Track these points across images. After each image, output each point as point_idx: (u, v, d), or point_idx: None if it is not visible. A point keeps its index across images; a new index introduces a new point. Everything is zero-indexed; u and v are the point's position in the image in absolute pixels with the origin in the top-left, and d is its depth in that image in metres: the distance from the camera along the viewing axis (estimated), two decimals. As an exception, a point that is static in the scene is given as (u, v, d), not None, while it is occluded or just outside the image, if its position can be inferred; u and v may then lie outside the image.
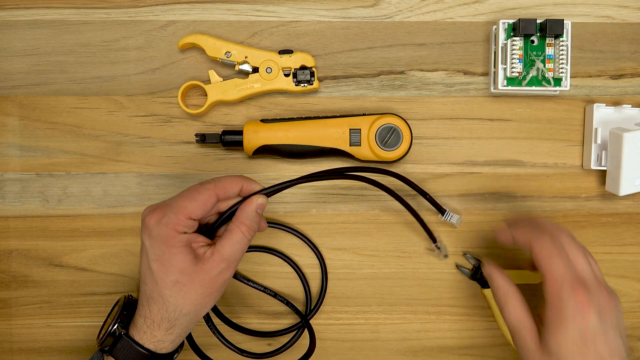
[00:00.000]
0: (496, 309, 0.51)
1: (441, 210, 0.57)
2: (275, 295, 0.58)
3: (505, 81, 0.57)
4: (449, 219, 0.57)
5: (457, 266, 0.59)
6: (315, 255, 0.60)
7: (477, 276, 0.58)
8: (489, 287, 0.53)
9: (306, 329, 0.58)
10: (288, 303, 0.57)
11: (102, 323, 0.50)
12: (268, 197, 0.50)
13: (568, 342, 0.43)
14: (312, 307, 0.59)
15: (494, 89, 0.58)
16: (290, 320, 0.60)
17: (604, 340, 0.44)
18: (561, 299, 0.44)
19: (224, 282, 0.48)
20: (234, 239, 0.48)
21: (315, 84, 0.58)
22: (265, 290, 0.58)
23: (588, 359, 0.43)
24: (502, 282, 0.49)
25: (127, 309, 0.50)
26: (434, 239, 0.57)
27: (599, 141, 0.58)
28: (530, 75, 0.57)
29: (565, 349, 0.43)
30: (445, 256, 0.58)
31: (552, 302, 0.45)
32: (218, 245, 0.47)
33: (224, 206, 0.50)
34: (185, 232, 0.46)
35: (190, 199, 0.47)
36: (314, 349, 0.55)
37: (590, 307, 0.44)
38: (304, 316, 0.57)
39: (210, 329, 0.57)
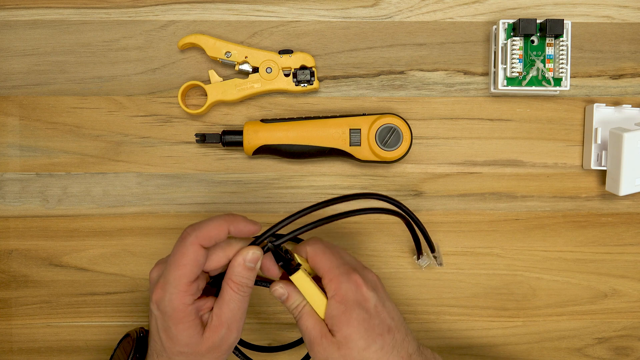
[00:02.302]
0: (308, 292, 0.47)
1: (432, 248, 0.57)
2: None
3: (505, 81, 0.57)
4: (436, 259, 0.58)
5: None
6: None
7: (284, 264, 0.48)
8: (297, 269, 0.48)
9: None
10: None
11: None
12: (273, 244, 0.46)
13: (357, 323, 0.45)
14: None
15: (494, 89, 0.58)
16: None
17: (385, 310, 0.47)
18: (341, 288, 0.46)
19: (229, 346, 0.46)
20: (225, 298, 0.45)
21: (315, 84, 0.58)
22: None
23: (377, 330, 0.45)
24: (295, 297, 0.48)
25: (139, 348, 0.49)
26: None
27: (599, 141, 0.58)
28: (530, 75, 0.57)
29: (357, 331, 0.45)
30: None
31: (333, 294, 0.46)
32: (215, 309, 0.45)
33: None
34: (194, 302, 0.44)
35: (179, 266, 0.44)
36: None
37: (365, 285, 0.46)
38: None
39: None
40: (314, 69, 0.58)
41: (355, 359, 0.45)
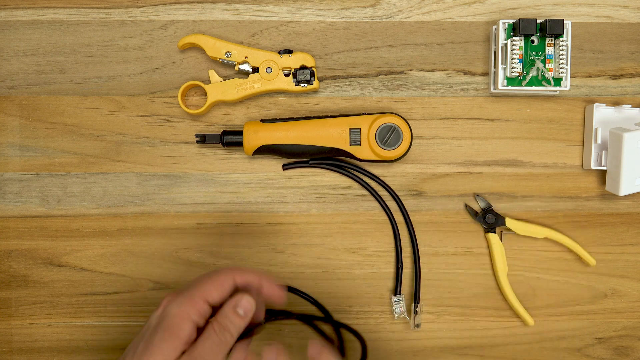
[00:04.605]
0: (495, 255, 0.58)
1: (417, 300, 0.59)
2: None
3: (505, 81, 0.57)
4: (415, 315, 0.59)
5: (466, 206, 0.59)
6: (319, 256, 0.60)
7: (483, 219, 0.59)
8: (493, 231, 0.59)
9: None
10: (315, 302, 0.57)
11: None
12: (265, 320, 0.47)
13: None
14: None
15: (494, 89, 0.58)
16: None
17: None
18: None
19: None
20: (204, 335, 0.44)
21: (315, 84, 0.58)
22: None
23: None
24: None
25: None
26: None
27: (599, 141, 0.58)
28: (530, 75, 0.57)
29: None
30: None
31: None
32: (192, 344, 0.44)
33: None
34: (194, 324, 0.43)
35: (207, 278, 0.45)
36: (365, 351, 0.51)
37: None
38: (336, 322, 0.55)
39: None
40: (314, 69, 0.58)
41: None
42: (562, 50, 0.57)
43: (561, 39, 0.57)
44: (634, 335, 0.60)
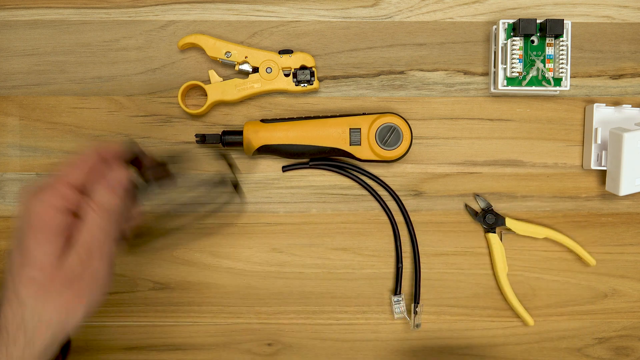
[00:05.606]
0: (495, 255, 0.59)
1: (417, 300, 0.59)
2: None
3: (505, 81, 0.57)
4: (415, 315, 0.59)
5: (466, 206, 0.60)
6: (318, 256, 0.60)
7: (483, 219, 0.59)
8: (493, 231, 0.59)
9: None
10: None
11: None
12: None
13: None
14: None
15: (494, 89, 0.58)
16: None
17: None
18: None
19: (93, 277, 0.39)
20: (87, 219, 0.39)
21: (315, 84, 0.58)
22: None
23: None
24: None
25: None
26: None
27: (599, 141, 0.58)
28: (530, 75, 0.57)
29: None
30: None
31: None
32: (75, 232, 0.39)
33: None
34: (65, 212, 0.39)
35: (67, 163, 0.40)
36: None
37: None
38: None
39: None
40: (314, 69, 0.58)
41: None
42: (562, 50, 0.57)
43: (561, 39, 0.57)
44: (634, 335, 0.60)
